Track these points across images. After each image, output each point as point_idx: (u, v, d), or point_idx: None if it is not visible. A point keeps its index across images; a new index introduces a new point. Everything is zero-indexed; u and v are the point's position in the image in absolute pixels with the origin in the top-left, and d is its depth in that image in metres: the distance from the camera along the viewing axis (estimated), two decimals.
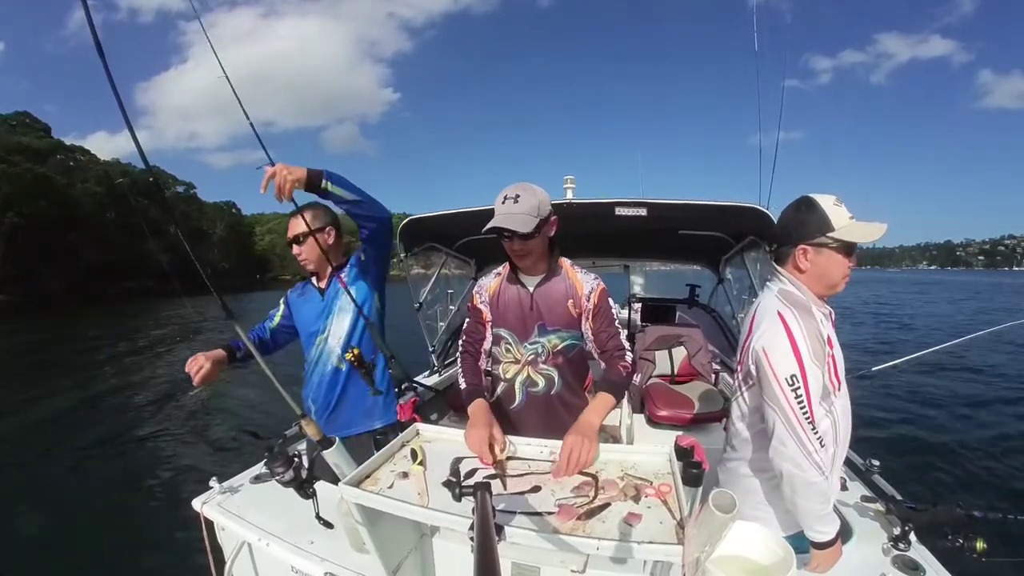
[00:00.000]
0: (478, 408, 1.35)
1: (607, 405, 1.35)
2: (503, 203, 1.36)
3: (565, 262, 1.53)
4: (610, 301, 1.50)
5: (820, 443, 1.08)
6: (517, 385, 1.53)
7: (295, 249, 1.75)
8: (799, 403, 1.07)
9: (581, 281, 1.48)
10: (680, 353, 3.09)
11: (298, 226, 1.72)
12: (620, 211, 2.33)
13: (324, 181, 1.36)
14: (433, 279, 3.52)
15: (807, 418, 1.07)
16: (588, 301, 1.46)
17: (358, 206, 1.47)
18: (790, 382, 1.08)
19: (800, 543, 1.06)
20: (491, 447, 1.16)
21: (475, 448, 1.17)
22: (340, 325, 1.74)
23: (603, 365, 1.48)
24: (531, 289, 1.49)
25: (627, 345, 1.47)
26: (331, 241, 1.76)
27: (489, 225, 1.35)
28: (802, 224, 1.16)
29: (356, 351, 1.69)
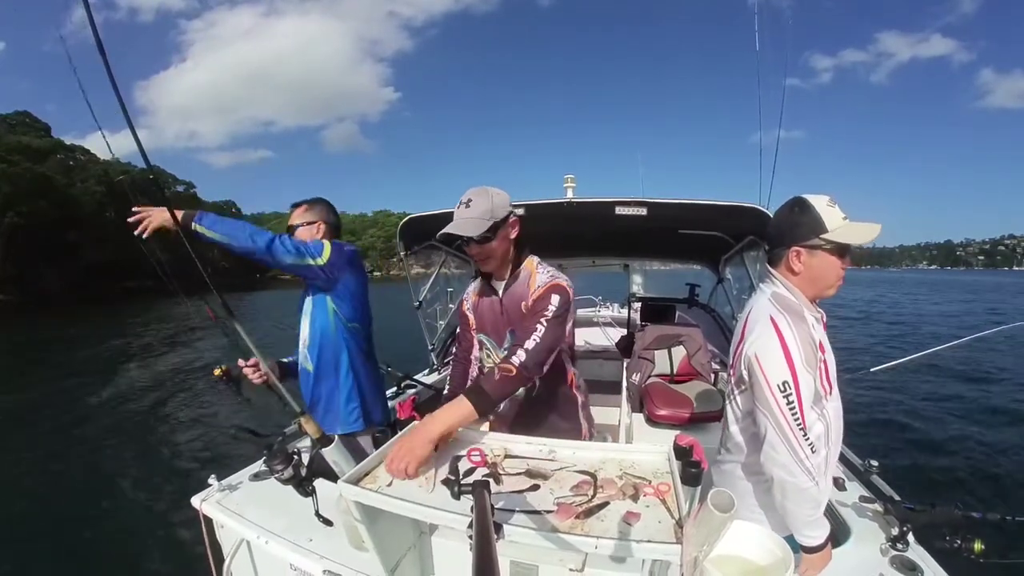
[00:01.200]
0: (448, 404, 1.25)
1: (456, 415, 1.16)
2: (457, 208, 1.37)
3: (532, 262, 1.47)
4: (554, 299, 1.33)
5: (811, 449, 1.08)
6: None
7: None
8: (791, 410, 1.07)
9: (537, 281, 1.42)
10: (679, 352, 3.08)
11: (292, 218, 1.76)
12: (620, 210, 2.33)
13: (193, 223, 1.41)
14: (432, 278, 3.52)
15: (799, 425, 1.07)
16: (531, 298, 1.38)
17: (231, 247, 1.45)
18: (782, 389, 1.08)
19: (791, 545, 1.07)
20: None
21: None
22: (304, 327, 1.75)
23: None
24: (500, 294, 1.49)
25: (532, 346, 1.25)
26: (319, 237, 1.75)
27: (441, 231, 1.37)
28: (795, 225, 1.15)
29: (224, 368, 1.67)
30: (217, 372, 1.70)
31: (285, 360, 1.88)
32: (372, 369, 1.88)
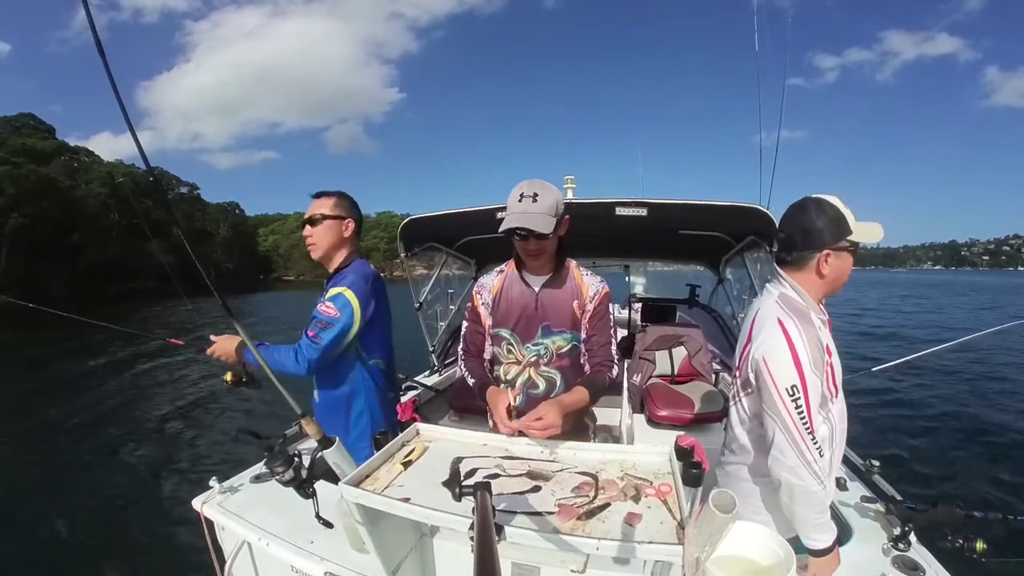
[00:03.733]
0: (493, 390, 1.40)
1: (582, 400, 1.37)
2: (520, 201, 1.33)
3: (571, 263, 1.53)
4: (610, 308, 1.51)
5: (819, 452, 1.08)
6: (517, 387, 1.51)
7: (307, 230, 1.64)
8: (799, 413, 1.07)
9: (587, 283, 1.49)
10: (680, 353, 3.08)
11: (316, 206, 1.64)
12: (620, 211, 2.33)
13: (246, 363, 1.55)
14: (433, 279, 3.53)
15: (807, 428, 1.07)
16: (591, 303, 1.47)
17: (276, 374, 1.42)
18: (791, 392, 1.08)
19: (795, 547, 1.07)
20: (508, 411, 1.27)
21: (498, 419, 1.28)
22: None
23: (587, 368, 1.49)
24: (536, 289, 1.47)
25: (616, 357, 1.48)
26: (347, 234, 1.66)
27: (508, 225, 1.32)
28: (826, 228, 1.14)
29: (231, 373, 1.59)
30: (228, 379, 1.60)
31: None
32: (390, 403, 1.78)
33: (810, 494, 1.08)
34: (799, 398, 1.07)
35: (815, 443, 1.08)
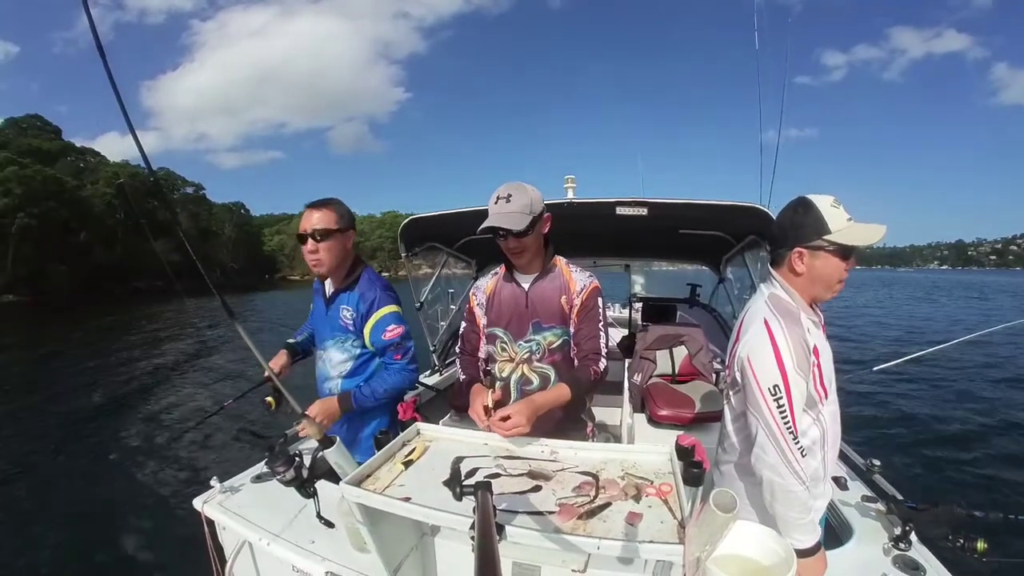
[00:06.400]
0: (477, 387, 1.44)
1: (559, 397, 1.38)
2: (495, 203, 1.40)
3: (560, 260, 1.55)
4: (600, 302, 1.50)
5: (802, 453, 1.09)
6: (512, 383, 1.53)
7: (309, 245, 1.56)
8: (781, 413, 1.08)
9: (575, 279, 1.51)
10: (681, 352, 3.07)
11: (319, 220, 1.55)
12: (621, 210, 2.34)
13: (354, 404, 1.60)
14: (434, 279, 3.53)
15: (788, 428, 1.08)
16: (578, 297, 1.49)
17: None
18: (772, 392, 1.08)
19: None
20: (485, 409, 1.30)
21: (473, 414, 1.32)
22: (336, 352, 1.67)
23: (576, 363, 1.50)
24: (526, 287, 1.51)
25: (604, 351, 1.48)
26: (350, 246, 1.64)
27: (483, 225, 1.39)
28: (798, 226, 1.15)
29: (272, 397, 1.61)
30: (270, 401, 1.61)
31: (291, 341, 1.85)
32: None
33: (790, 493, 1.09)
34: (781, 398, 1.08)
35: (797, 443, 1.08)
